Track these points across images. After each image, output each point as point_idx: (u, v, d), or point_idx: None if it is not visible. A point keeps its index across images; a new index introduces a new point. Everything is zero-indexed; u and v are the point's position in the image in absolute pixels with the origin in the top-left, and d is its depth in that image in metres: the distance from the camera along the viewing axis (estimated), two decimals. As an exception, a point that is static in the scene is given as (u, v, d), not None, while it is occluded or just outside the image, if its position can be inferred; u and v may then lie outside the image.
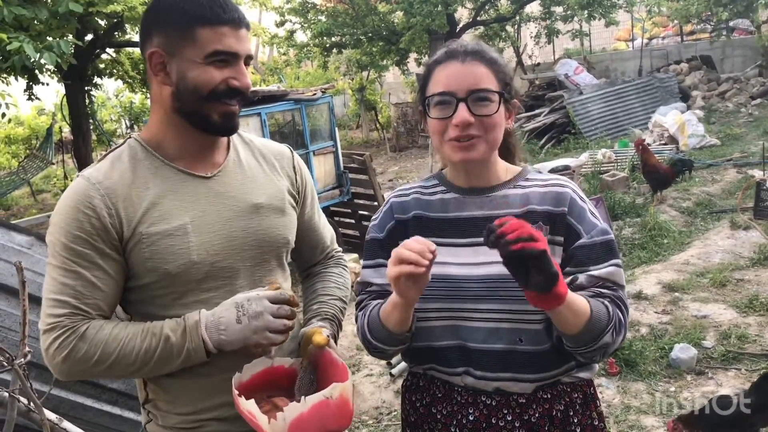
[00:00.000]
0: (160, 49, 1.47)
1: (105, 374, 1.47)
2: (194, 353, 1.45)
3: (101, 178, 1.47)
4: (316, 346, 1.52)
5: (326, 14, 17.91)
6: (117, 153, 1.54)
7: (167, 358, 1.45)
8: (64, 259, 1.43)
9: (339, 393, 1.33)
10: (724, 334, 4.43)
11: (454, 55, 1.50)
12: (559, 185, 1.53)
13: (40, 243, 2.86)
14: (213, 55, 1.44)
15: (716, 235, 6.68)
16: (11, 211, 14.91)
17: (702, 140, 11.37)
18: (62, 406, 2.68)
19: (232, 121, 1.52)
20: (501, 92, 1.48)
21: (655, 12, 19.35)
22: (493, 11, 18.32)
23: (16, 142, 19.92)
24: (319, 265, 1.88)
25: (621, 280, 1.48)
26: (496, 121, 1.47)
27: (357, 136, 21.95)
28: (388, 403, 4.16)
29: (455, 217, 1.56)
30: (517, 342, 1.48)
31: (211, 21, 1.43)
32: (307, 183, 1.79)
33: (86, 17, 9.69)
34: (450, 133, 1.46)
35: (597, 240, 1.47)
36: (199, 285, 1.51)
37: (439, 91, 1.47)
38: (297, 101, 7.66)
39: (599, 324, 1.39)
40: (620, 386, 4.00)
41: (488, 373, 1.51)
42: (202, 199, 1.53)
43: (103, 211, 1.43)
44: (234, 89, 1.47)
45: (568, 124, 13.92)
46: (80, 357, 1.42)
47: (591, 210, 1.52)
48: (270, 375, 1.52)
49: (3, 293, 2.66)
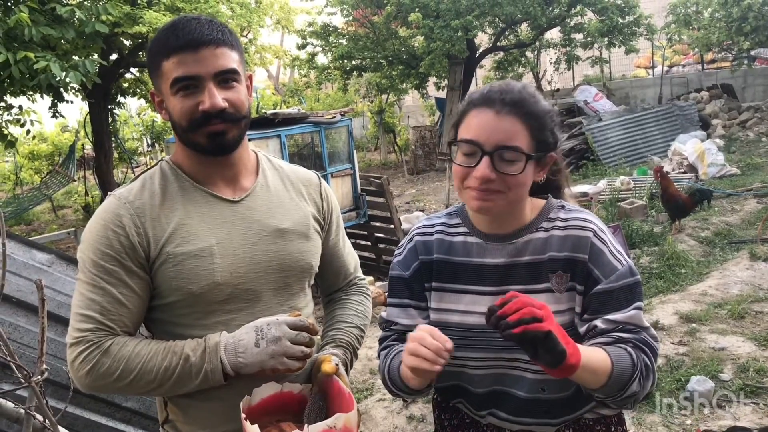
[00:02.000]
0: (154, 90, 1.55)
1: (126, 390, 1.49)
2: (212, 375, 1.47)
3: (131, 198, 1.52)
4: (324, 375, 1.53)
5: (347, 38, 18.09)
6: (149, 174, 1.59)
7: (186, 378, 1.47)
8: (93, 275, 1.47)
9: (343, 423, 1.34)
10: (742, 367, 4.37)
11: (491, 103, 1.42)
12: (580, 227, 1.47)
13: (60, 261, 2.90)
14: (175, 84, 1.45)
15: (735, 266, 6.61)
16: (32, 226, 15.09)
17: (722, 169, 11.29)
18: (77, 423, 2.70)
19: (221, 139, 1.50)
20: (529, 155, 1.41)
21: (676, 40, 19.35)
22: (513, 37, 18.40)
23: (40, 158, 20.19)
24: (340, 292, 1.90)
25: (642, 323, 1.43)
26: (519, 180, 1.41)
27: (375, 158, 22.02)
28: (400, 428, 4.14)
29: (479, 264, 1.53)
30: (540, 391, 1.48)
31: (167, 52, 1.46)
32: (334, 210, 1.81)
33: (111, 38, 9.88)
34: (470, 182, 1.42)
35: (614, 286, 1.42)
36: (222, 306, 1.54)
37: (467, 138, 1.42)
38: (316, 124, 7.72)
39: (623, 375, 1.36)
40: (635, 417, 3.94)
41: (511, 416, 1.52)
42: (228, 222, 1.55)
43: (131, 230, 1.48)
44: (206, 112, 1.46)
45: (586, 151, 13.90)
46: (103, 372, 1.44)
47: (612, 250, 1.45)
48: (280, 400, 1.54)
49: (23, 310, 2.70)
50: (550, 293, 1.45)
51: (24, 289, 2.71)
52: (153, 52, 1.49)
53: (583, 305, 1.45)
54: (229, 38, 1.50)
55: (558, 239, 1.47)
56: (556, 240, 1.47)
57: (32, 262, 2.81)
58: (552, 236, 1.48)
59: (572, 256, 1.45)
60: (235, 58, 1.50)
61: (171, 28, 1.47)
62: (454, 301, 1.55)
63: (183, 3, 10.24)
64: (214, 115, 1.46)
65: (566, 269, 1.45)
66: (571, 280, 1.45)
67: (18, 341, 2.63)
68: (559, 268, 1.45)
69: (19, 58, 7.52)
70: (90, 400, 2.75)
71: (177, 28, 1.46)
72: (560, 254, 1.46)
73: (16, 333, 2.65)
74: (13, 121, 10.55)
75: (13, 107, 10.30)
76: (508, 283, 1.48)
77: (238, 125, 1.53)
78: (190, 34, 1.44)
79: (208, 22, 1.48)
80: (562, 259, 1.45)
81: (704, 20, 17.91)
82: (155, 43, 1.49)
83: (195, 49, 1.44)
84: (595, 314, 1.43)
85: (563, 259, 1.45)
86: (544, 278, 1.45)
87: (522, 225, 1.51)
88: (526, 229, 1.51)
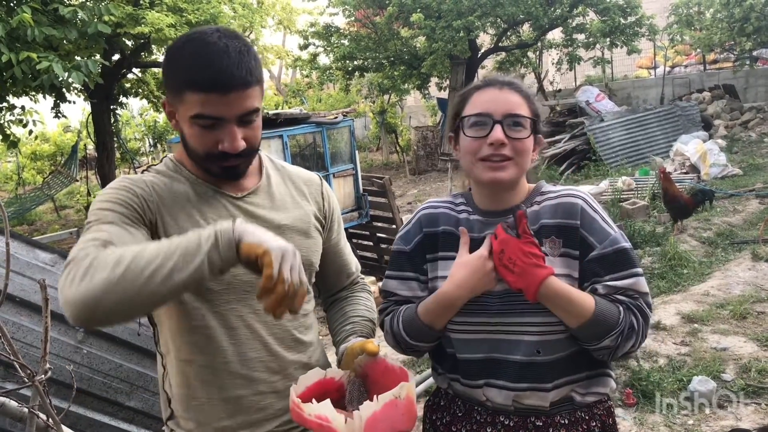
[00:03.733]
0: (168, 101, 1.52)
1: (119, 286, 1.24)
2: (222, 235, 1.28)
3: (148, 180, 1.54)
4: (369, 354, 1.54)
5: (349, 38, 18.11)
6: (156, 168, 1.61)
7: (193, 249, 1.27)
8: (103, 213, 1.42)
9: (406, 392, 1.36)
10: (744, 368, 4.37)
11: (492, 83, 1.59)
12: (571, 195, 1.58)
13: (63, 260, 2.91)
14: (197, 117, 1.43)
15: (737, 266, 6.61)
16: (35, 226, 15.12)
17: (724, 170, 11.29)
18: (80, 423, 2.71)
19: (235, 172, 1.53)
20: (534, 119, 1.56)
21: (678, 40, 19.34)
22: (515, 37, 18.41)
23: (42, 159, 20.24)
24: (345, 290, 1.91)
25: (642, 288, 1.51)
26: (527, 146, 1.54)
27: (377, 159, 22.04)
28: (402, 428, 4.14)
29: (480, 238, 1.59)
30: (535, 354, 1.51)
31: (194, 85, 1.40)
32: (335, 210, 1.84)
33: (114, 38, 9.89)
34: (483, 152, 1.52)
35: (608, 250, 1.51)
36: (220, 296, 1.54)
37: (477, 112, 1.55)
38: (318, 124, 7.73)
39: (603, 323, 1.45)
40: (637, 418, 3.95)
41: (509, 383, 1.54)
42: (232, 216, 1.56)
43: (145, 204, 1.48)
44: (225, 152, 1.46)
45: (588, 151, 13.89)
46: (97, 264, 1.26)
47: (603, 217, 1.55)
48: (322, 387, 1.54)
49: (26, 310, 2.71)
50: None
51: (27, 288, 2.72)
52: (176, 74, 1.44)
53: (580, 272, 1.53)
54: (257, 73, 1.45)
55: (549, 207, 1.57)
56: (547, 209, 1.57)
57: (35, 262, 2.82)
58: (543, 206, 1.58)
59: (564, 222, 1.54)
60: (258, 95, 1.47)
61: (199, 57, 1.40)
62: None
63: (185, 3, 10.26)
64: (229, 156, 1.47)
65: (559, 235, 1.54)
66: (564, 246, 1.53)
67: (21, 340, 2.64)
68: (552, 233, 1.54)
69: (22, 59, 7.53)
70: (93, 400, 2.76)
71: (207, 61, 1.39)
72: (552, 221, 1.55)
73: (20, 332, 2.66)
74: (15, 121, 10.56)
75: (15, 107, 10.32)
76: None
77: (251, 157, 1.56)
78: (221, 74, 1.38)
79: (237, 55, 1.40)
80: (554, 225, 1.54)
81: (706, 20, 17.92)
82: (179, 67, 1.42)
83: (224, 92, 1.39)
84: (594, 278, 1.51)
85: (555, 225, 1.54)
86: (539, 243, 1.51)
87: (517, 202, 1.61)
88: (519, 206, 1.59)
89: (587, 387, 1.57)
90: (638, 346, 1.52)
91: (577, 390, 1.56)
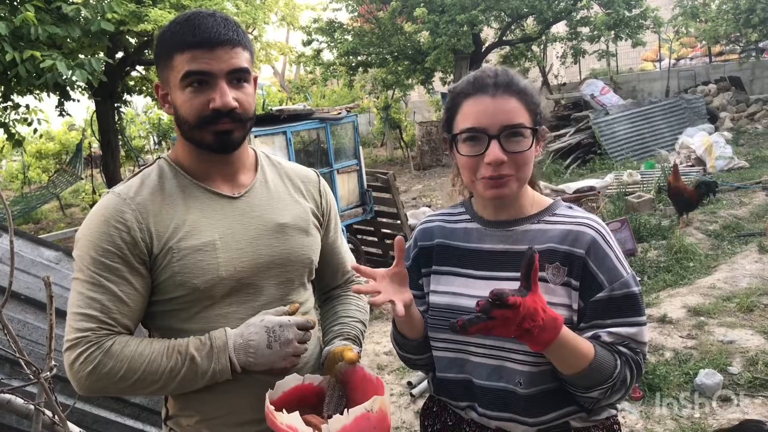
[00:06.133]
0: (160, 83, 1.53)
1: (127, 391, 1.47)
2: (220, 374, 1.47)
3: (132, 194, 1.50)
4: (348, 362, 1.53)
5: (352, 34, 18.06)
6: (147, 171, 1.58)
7: (191, 378, 1.47)
8: (92, 273, 1.44)
9: (379, 406, 1.34)
10: (751, 360, 4.35)
11: (483, 89, 1.44)
12: (585, 225, 1.46)
13: (67, 258, 2.91)
14: (186, 77, 1.45)
15: (744, 259, 6.58)
16: (40, 225, 15.16)
17: (730, 162, 11.24)
18: (85, 419, 2.71)
19: (228, 138, 1.51)
20: (534, 128, 1.43)
21: (683, 33, 19.24)
22: (519, 31, 18.33)
23: (47, 157, 20.25)
24: (339, 289, 1.90)
25: (644, 339, 1.43)
26: (528, 157, 1.43)
27: (381, 154, 22.02)
28: (408, 423, 4.15)
29: (476, 249, 1.55)
30: (517, 384, 1.45)
31: (181, 46, 1.44)
32: (332, 208, 1.82)
33: (117, 36, 9.89)
34: (482, 172, 1.42)
35: (618, 294, 1.41)
36: (223, 300, 1.54)
37: (469, 126, 1.43)
38: (322, 120, 7.72)
39: (597, 375, 1.37)
40: (643, 411, 3.94)
41: (489, 411, 1.49)
42: (230, 218, 1.55)
43: (134, 226, 1.46)
44: (216, 110, 1.46)
45: (593, 145, 13.85)
46: (105, 372, 1.42)
47: (617, 255, 1.44)
48: (300, 392, 1.54)
49: (31, 307, 2.71)
50: (543, 282, 1.40)
51: (32, 286, 2.72)
52: (165, 44, 1.48)
53: (582, 307, 1.43)
54: (243, 39, 1.50)
55: (561, 232, 1.46)
56: (558, 232, 1.47)
57: (40, 260, 2.83)
58: (555, 229, 1.48)
59: (572, 251, 1.43)
60: (246, 58, 1.51)
61: (186, 22, 1.46)
62: (448, 284, 1.57)
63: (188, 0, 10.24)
64: (224, 114, 1.46)
65: (564, 263, 1.44)
66: (568, 275, 1.43)
67: (27, 338, 2.64)
68: (558, 260, 1.44)
69: (26, 57, 7.54)
70: (98, 397, 2.77)
71: (193, 23, 1.45)
72: (561, 246, 1.45)
73: (25, 330, 2.66)
74: (20, 120, 10.59)
75: (20, 106, 10.34)
76: (503, 270, 1.49)
77: (244, 126, 1.53)
78: (207, 32, 1.44)
79: (223, 19, 1.47)
80: (561, 251, 1.44)
81: (711, 12, 17.82)
82: (168, 35, 1.48)
83: (211, 47, 1.44)
84: (597, 320, 1.42)
85: (563, 252, 1.44)
86: (540, 267, 1.41)
87: (522, 215, 1.53)
88: (526, 220, 1.52)
89: (585, 418, 1.49)
90: (622, 400, 1.46)
91: (574, 418, 1.49)
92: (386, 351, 5.27)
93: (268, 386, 1.48)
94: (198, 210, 1.53)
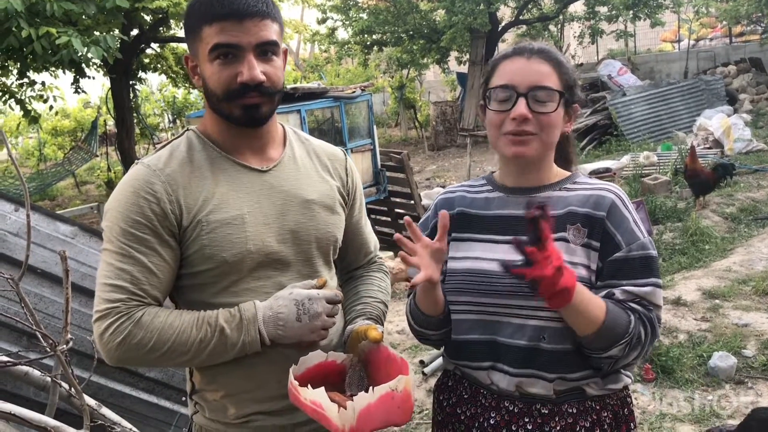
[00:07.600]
0: (190, 54, 1.53)
1: (156, 362, 1.48)
2: (249, 346, 1.48)
3: (161, 166, 1.50)
4: (372, 341, 1.52)
5: (368, 12, 17.95)
6: (176, 143, 1.58)
7: (221, 350, 1.47)
8: (122, 244, 1.44)
9: (404, 386, 1.34)
10: (766, 344, 4.33)
11: (521, 52, 1.52)
12: (605, 189, 1.52)
13: (83, 233, 2.93)
14: (214, 50, 1.44)
15: (760, 242, 6.53)
16: (56, 202, 15.29)
17: (748, 144, 11.10)
18: (101, 392, 2.75)
19: (256, 112, 1.50)
20: (562, 92, 1.49)
21: (703, 13, 18.94)
22: (536, 10, 18.15)
23: (62, 134, 20.36)
24: (361, 269, 1.90)
25: (658, 300, 1.46)
26: (553, 120, 1.48)
27: (395, 134, 21.95)
28: (420, 401, 4.17)
29: (496, 215, 1.57)
30: (541, 339, 1.48)
31: (210, 18, 1.43)
32: (357, 187, 1.81)
33: (132, 13, 9.87)
34: (507, 127, 1.48)
35: (635, 254, 1.45)
36: (251, 274, 1.54)
37: (502, 84, 1.50)
38: (336, 99, 7.70)
39: (612, 333, 1.39)
40: (656, 393, 3.93)
41: (512, 368, 1.51)
42: (258, 192, 1.55)
43: (164, 197, 1.46)
44: (244, 84, 1.45)
45: (610, 126, 13.73)
46: (135, 343, 1.42)
47: (635, 219, 1.49)
48: (323, 369, 1.54)
49: (47, 281, 2.74)
50: (564, 242, 1.47)
51: (48, 260, 2.75)
52: (194, 16, 1.47)
53: (600, 267, 1.48)
54: (273, 10, 1.48)
55: (581, 196, 1.52)
56: (579, 197, 1.52)
57: (56, 234, 2.85)
58: (575, 194, 1.53)
59: (593, 213, 1.48)
60: (276, 30, 1.49)
61: None
62: (468, 249, 1.60)
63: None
64: (251, 88, 1.45)
65: (585, 224, 1.48)
66: (588, 236, 1.48)
67: (43, 311, 2.67)
68: (578, 221, 1.49)
69: (41, 34, 7.53)
70: (114, 370, 2.80)
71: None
72: (581, 209, 1.50)
73: (42, 303, 2.69)
74: (36, 97, 10.63)
75: (36, 83, 10.37)
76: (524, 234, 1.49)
77: (272, 99, 1.52)
78: (236, 3, 1.42)
79: None
80: (582, 213, 1.49)
81: (733, -8, 17.51)
82: (197, 6, 1.46)
83: (239, 19, 1.42)
84: (613, 279, 1.46)
85: (583, 214, 1.49)
86: (561, 228, 1.48)
87: (545, 182, 1.57)
88: (549, 187, 1.56)
89: (599, 384, 1.52)
90: (639, 360, 1.48)
91: (590, 384, 1.51)
92: (399, 330, 5.29)
93: (293, 362, 1.48)
94: (226, 183, 1.53)
